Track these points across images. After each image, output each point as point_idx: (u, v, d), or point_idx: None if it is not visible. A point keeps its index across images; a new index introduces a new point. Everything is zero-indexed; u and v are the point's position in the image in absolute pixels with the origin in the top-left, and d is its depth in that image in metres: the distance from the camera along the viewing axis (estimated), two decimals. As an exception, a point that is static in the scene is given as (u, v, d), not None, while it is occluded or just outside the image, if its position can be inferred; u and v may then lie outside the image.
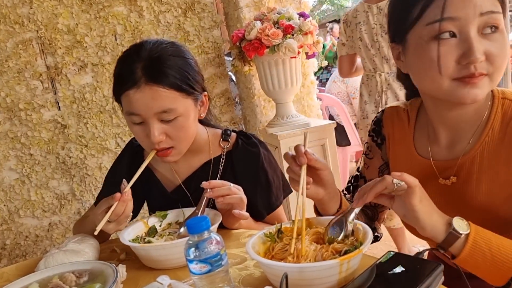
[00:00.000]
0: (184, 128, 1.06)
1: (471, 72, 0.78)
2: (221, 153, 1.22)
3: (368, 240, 0.77)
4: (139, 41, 1.10)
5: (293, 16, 2.38)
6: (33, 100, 2.60)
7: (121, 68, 1.06)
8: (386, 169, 1.11)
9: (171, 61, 1.04)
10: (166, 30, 2.79)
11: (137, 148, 1.29)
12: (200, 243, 0.70)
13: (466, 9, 0.77)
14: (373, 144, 1.11)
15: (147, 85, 1.00)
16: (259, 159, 1.20)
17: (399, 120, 1.04)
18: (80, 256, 0.95)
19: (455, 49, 0.78)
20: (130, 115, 1.04)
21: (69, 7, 2.58)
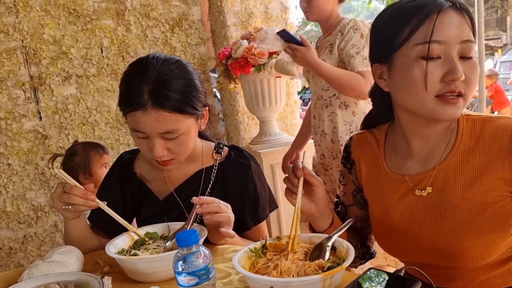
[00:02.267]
0: (185, 143, 1.13)
1: (453, 89, 0.88)
2: (213, 163, 1.25)
3: (350, 257, 0.80)
4: (146, 57, 1.13)
5: (279, 37, 2.44)
6: (14, 109, 2.57)
7: (128, 87, 1.10)
8: (359, 193, 1.16)
9: (176, 84, 1.08)
10: (153, 44, 2.82)
11: (127, 162, 1.32)
12: (189, 256, 0.72)
13: (450, 35, 0.87)
14: (345, 170, 1.18)
15: (153, 109, 1.05)
16: (249, 171, 1.24)
17: (367, 144, 1.11)
18: (64, 268, 0.95)
19: (440, 68, 0.88)
20: (135, 131, 1.10)
21: (56, 18, 2.59)
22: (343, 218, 1.18)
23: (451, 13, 0.88)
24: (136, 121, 1.07)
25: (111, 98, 2.76)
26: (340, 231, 0.91)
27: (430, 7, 0.89)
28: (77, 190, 1.05)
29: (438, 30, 0.87)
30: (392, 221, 1.03)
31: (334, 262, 0.82)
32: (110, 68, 2.73)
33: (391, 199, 1.03)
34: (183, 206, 1.22)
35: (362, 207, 1.16)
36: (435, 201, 0.97)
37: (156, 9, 2.80)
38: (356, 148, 1.14)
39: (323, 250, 0.86)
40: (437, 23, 0.87)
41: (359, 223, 1.17)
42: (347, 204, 1.18)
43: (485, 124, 0.95)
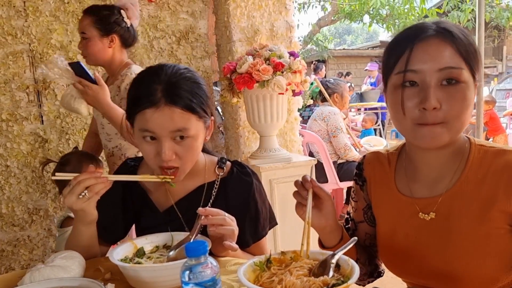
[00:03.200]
0: (192, 148, 1.12)
1: (426, 117, 0.90)
2: (215, 178, 1.25)
3: (355, 275, 0.81)
4: (156, 65, 1.17)
5: (284, 55, 2.48)
6: (17, 111, 2.58)
7: (140, 88, 1.11)
8: (369, 210, 1.17)
9: (188, 85, 1.10)
10: (158, 55, 2.85)
11: (132, 169, 1.32)
12: (197, 267, 0.72)
13: (426, 64, 0.90)
14: (357, 187, 1.19)
15: (166, 105, 1.06)
16: (251, 189, 1.25)
17: (379, 163, 1.14)
18: (66, 273, 0.95)
19: (416, 95, 0.91)
20: (144, 132, 1.09)
21: (64, 24, 2.62)
22: (352, 234, 1.20)
23: (431, 42, 0.90)
24: (147, 120, 1.07)
25: (113, 106, 2.77)
26: (345, 249, 0.91)
27: (411, 37, 0.93)
28: (82, 175, 1.03)
29: (413, 59, 0.91)
30: (397, 241, 1.04)
31: (338, 279, 0.83)
32: (114, 76, 2.75)
33: (398, 219, 1.05)
34: (182, 220, 1.22)
35: (372, 224, 1.17)
36: (439, 227, 0.98)
37: (164, 20, 2.83)
38: (368, 167, 1.16)
39: (327, 267, 0.87)
40: (414, 53, 0.91)
41: (368, 240, 1.18)
42: (358, 221, 1.20)
43: (496, 157, 0.95)
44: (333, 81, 4.10)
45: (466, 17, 10.82)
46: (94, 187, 1.03)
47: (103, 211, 1.13)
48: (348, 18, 11.92)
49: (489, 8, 11.39)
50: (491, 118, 6.20)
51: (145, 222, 1.25)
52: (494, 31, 14.16)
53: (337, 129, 3.70)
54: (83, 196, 1.03)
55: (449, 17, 11.21)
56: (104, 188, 1.05)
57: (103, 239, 1.24)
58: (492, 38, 14.43)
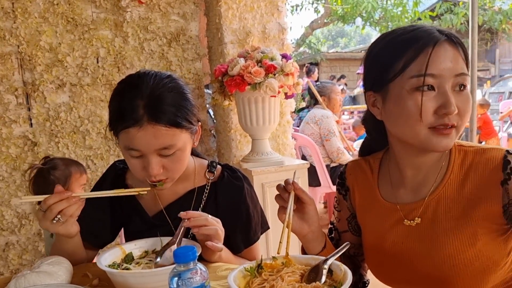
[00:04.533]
0: (180, 160, 1.09)
1: (446, 122, 0.90)
2: (205, 183, 1.23)
3: (348, 281, 0.79)
4: (136, 74, 1.10)
5: (276, 57, 2.47)
6: (5, 114, 2.54)
7: (121, 104, 1.05)
8: (354, 219, 1.16)
9: (171, 98, 1.05)
10: (149, 57, 2.83)
11: (120, 172, 1.30)
12: (186, 273, 0.71)
13: (444, 69, 0.89)
14: (340, 196, 1.19)
15: (150, 124, 1.01)
16: (242, 193, 1.23)
17: (362, 171, 1.13)
18: (53, 279, 0.92)
19: (434, 100, 0.89)
20: (129, 150, 1.05)
21: (53, 26, 2.58)
22: (336, 244, 1.18)
23: (446, 47, 0.90)
24: (131, 138, 1.02)
25: (104, 108, 2.74)
26: (337, 254, 0.90)
27: (425, 40, 0.90)
28: (51, 197, 0.99)
29: (433, 63, 0.89)
30: (384, 249, 1.03)
31: (331, 285, 0.82)
32: (105, 78, 2.72)
33: (383, 227, 1.04)
34: (172, 225, 1.19)
35: (356, 233, 1.16)
36: (425, 231, 0.97)
37: (154, 22, 2.81)
38: (351, 176, 1.15)
39: (319, 273, 0.86)
40: (432, 57, 0.89)
41: (353, 249, 1.17)
42: (341, 231, 1.19)
43: (476, 156, 0.96)
44: (320, 84, 4.11)
45: (459, 20, 10.91)
46: (67, 210, 0.99)
47: (90, 216, 1.10)
48: (341, 21, 11.97)
49: (482, 11, 11.49)
50: (485, 122, 6.24)
51: (134, 226, 1.23)
52: (487, 34, 14.29)
53: (329, 132, 3.69)
54: (58, 221, 1.00)
55: (442, 20, 11.30)
56: (77, 209, 1.01)
57: (90, 244, 1.22)
58: (485, 41, 14.56)
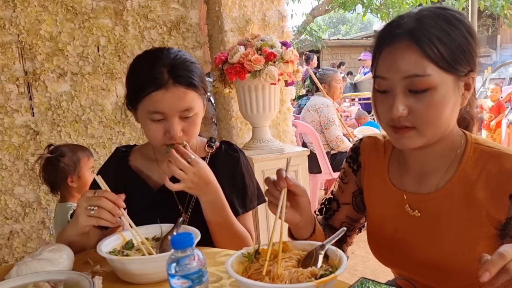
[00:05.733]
0: (197, 125, 1.20)
1: (394, 123, 0.91)
2: (205, 155, 1.31)
3: (343, 265, 0.81)
4: (152, 48, 1.23)
5: (276, 44, 2.46)
6: (7, 103, 2.55)
7: (145, 72, 1.14)
8: (360, 195, 1.16)
9: (188, 65, 1.17)
10: (149, 46, 2.82)
11: (123, 154, 1.36)
12: (183, 259, 0.72)
13: (391, 72, 0.88)
14: (349, 170, 1.17)
15: (174, 86, 1.12)
16: (238, 163, 1.32)
17: (376, 150, 1.11)
18: (54, 266, 0.94)
19: (386, 101, 0.90)
20: (152, 114, 1.13)
21: (53, 15, 2.58)
22: (332, 215, 1.18)
23: (398, 46, 0.87)
24: (156, 102, 1.12)
25: (105, 97, 2.75)
26: (333, 240, 0.91)
27: (382, 39, 0.91)
28: (110, 194, 1.03)
29: (380, 66, 0.90)
30: (386, 233, 1.04)
31: (326, 270, 0.83)
32: (106, 67, 2.73)
33: (388, 211, 1.04)
34: (175, 196, 1.26)
35: (358, 210, 1.16)
36: (427, 224, 0.97)
37: (154, 10, 2.80)
38: (364, 153, 1.14)
39: (315, 258, 0.87)
40: (381, 59, 0.90)
41: (346, 224, 1.18)
42: (342, 202, 1.18)
43: (492, 159, 0.92)
44: (321, 71, 4.09)
45: (461, 5, 10.78)
46: (102, 212, 1.01)
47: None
48: (341, 8, 11.86)
49: (484, -4, 11.35)
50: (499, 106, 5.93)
51: (140, 201, 1.27)
52: (488, 19, 14.15)
53: (329, 121, 3.69)
54: (90, 209, 1.02)
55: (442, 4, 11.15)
56: (108, 222, 1.03)
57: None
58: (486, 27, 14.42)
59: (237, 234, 1.24)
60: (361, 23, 33.08)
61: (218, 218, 1.20)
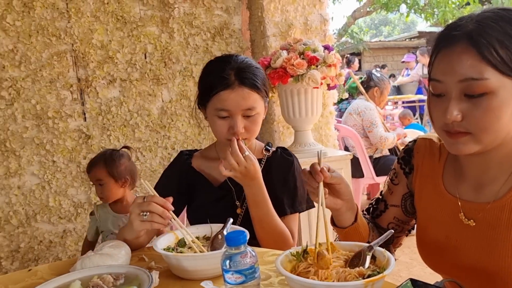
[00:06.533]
0: (258, 124, 1.33)
1: (448, 128, 0.89)
2: (262, 157, 1.43)
3: (391, 266, 0.82)
4: (223, 55, 1.42)
5: (318, 48, 2.47)
6: (62, 109, 2.70)
7: (214, 74, 1.31)
8: (410, 198, 1.14)
9: (253, 70, 1.31)
10: (194, 52, 2.91)
11: (186, 157, 1.50)
12: (237, 255, 0.76)
13: (447, 75, 0.86)
14: (400, 171, 1.15)
15: (240, 87, 1.27)
16: (292, 166, 1.43)
17: (430, 154, 1.08)
18: (114, 260, 1.01)
19: (441, 104, 0.88)
20: (219, 111, 1.28)
21: (104, 24, 2.71)
22: (379, 215, 1.18)
23: (454, 49, 0.85)
24: (223, 100, 1.27)
25: (152, 102, 2.86)
26: (381, 241, 0.92)
27: (439, 41, 0.89)
28: (158, 198, 1.09)
29: (436, 69, 0.88)
30: (437, 239, 1.01)
31: (374, 270, 0.84)
32: (152, 73, 2.83)
33: (440, 218, 1.02)
34: (234, 191, 1.38)
35: (406, 212, 1.15)
36: (483, 235, 0.93)
37: (199, 17, 2.89)
38: (418, 155, 1.11)
39: (363, 258, 0.88)
40: (436, 61, 0.89)
41: (393, 225, 1.17)
42: (390, 204, 1.17)
43: None
44: (379, 75, 4.02)
45: (511, 1, 10.35)
46: (154, 216, 1.07)
47: (161, 192, 1.22)
48: (384, 9, 11.67)
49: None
50: None
51: (202, 197, 1.41)
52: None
53: (372, 124, 3.65)
54: (143, 215, 1.08)
55: (492, 3, 10.75)
56: (160, 225, 1.09)
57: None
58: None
59: (278, 231, 1.32)
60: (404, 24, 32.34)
61: (259, 212, 1.30)
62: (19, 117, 2.61)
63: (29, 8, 2.55)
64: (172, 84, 2.90)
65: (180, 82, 2.92)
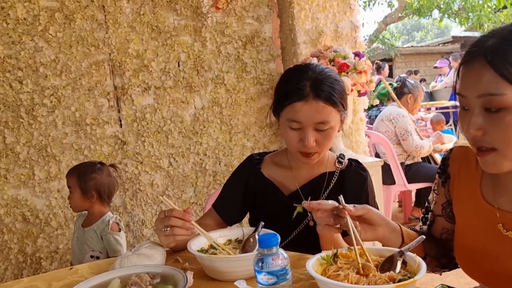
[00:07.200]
0: (330, 138, 1.28)
1: (474, 142, 0.90)
2: (335, 170, 1.39)
3: (422, 271, 0.82)
4: (302, 63, 1.41)
5: (349, 55, 2.49)
6: (99, 116, 2.81)
7: (290, 83, 1.27)
8: (448, 207, 1.15)
9: (330, 82, 1.26)
10: (225, 60, 2.97)
11: (256, 162, 1.47)
12: (269, 257, 0.78)
13: (468, 90, 0.88)
14: (439, 181, 1.17)
15: (314, 99, 1.22)
16: (366, 182, 1.38)
17: (467, 161, 1.08)
18: (150, 261, 1.06)
19: (466, 119, 0.90)
20: (291, 122, 1.25)
21: (140, 34, 2.81)
22: (430, 225, 1.19)
23: (474, 64, 0.87)
24: (296, 111, 1.23)
25: (184, 109, 2.94)
26: (412, 246, 0.93)
27: (463, 57, 0.91)
28: (177, 212, 1.13)
29: (460, 83, 0.91)
30: (474, 248, 1.01)
31: (405, 275, 0.85)
32: (185, 81, 2.91)
33: (478, 227, 1.02)
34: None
35: (450, 220, 1.15)
36: None
37: (230, 26, 2.95)
38: (454, 163, 1.12)
39: (393, 263, 0.89)
40: (460, 75, 0.90)
41: (445, 234, 1.17)
42: (436, 214, 1.18)
43: None
44: (413, 82, 3.98)
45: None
46: (175, 230, 1.12)
47: (226, 194, 1.26)
48: (416, 14, 11.49)
49: None
50: None
51: (271, 206, 1.38)
52: None
53: (406, 131, 3.59)
54: (165, 230, 1.13)
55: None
56: (184, 236, 1.13)
57: (221, 219, 1.41)
58: None
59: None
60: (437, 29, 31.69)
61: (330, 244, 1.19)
62: (59, 123, 2.73)
63: (70, 20, 2.68)
64: (204, 91, 2.97)
65: (212, 90, 2.98)
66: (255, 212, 1.43)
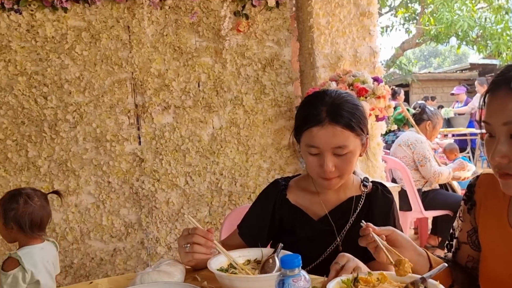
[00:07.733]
0: (350, 162, 1.27)
1: (498, 169, 0.91)
2: (361, 193, 1.38)
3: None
4: (321, 89, 1.40)
5: (368, 80, 2.51)
6: (119, 133, 2.86)
7: (307, 109, 1.28)
8: (474, 234, 1.13)
9: (348, 107, 1.25)
10: (245, 82, 3.02)
11: (282, 187, 1.44)
12: (290, 278, 0.79)
13: (492, 117, 0.91)
14: (465, 208, 1.16)
15: (330, 124, 1.22)
16: (392, 205, 1.38)
17: (494, 189, 1.07)
18: (170, 278, 1.06)
19: (491, 146, 0.92)
20: (309, 147, 1.25)
21: (162, 54, 2.88)
22: (455, 253, 1.18)
23: (499, 94, 0.89)
24: (312, 136, 1.23)
25: (203, 129, 2.98)
26: (434, 273, 0.92)
27: (489, 85, 0.93)
28: (200, 230, 1.15)
29: (486, 111, 0.93)
30: (500, 277, 1.00)
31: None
32: (205, 101, 2.96)
33: (504, 254, 1.01)
34: (335, 228, 1.34)
35: (475, 248, 1.14)
36: None
37: (251, 49, 3.00)
38: (480, 190, 1.13)
39: (416, 287, 0.88)
40: (486, 103, 0.93)
41: (471, 263, 1.15)
42: (461, 241, 1.17)
43: None
44: (433, 109, 3.97)
45: None
46: (195, 247, 1.14)
47: (252, 220, 1.26)
48: (434, 41, 11.51)
49: None
50: None
51: (301, 232, 1.37)
52: None
53: (424, 158, 3.55)
54: (185, 247, 1.15)
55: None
56: (203, 254, 1.14)
57: (246, 243, 1.39)
58: None
59: None
60: (455, 56, 31.61)
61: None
62: (80, 139, 2.79)
63: (96, 39, 2.76)
64: (223, 112, 3.01)
65: (231, 110, 3.02)
66: (283, 238, 1.39)
